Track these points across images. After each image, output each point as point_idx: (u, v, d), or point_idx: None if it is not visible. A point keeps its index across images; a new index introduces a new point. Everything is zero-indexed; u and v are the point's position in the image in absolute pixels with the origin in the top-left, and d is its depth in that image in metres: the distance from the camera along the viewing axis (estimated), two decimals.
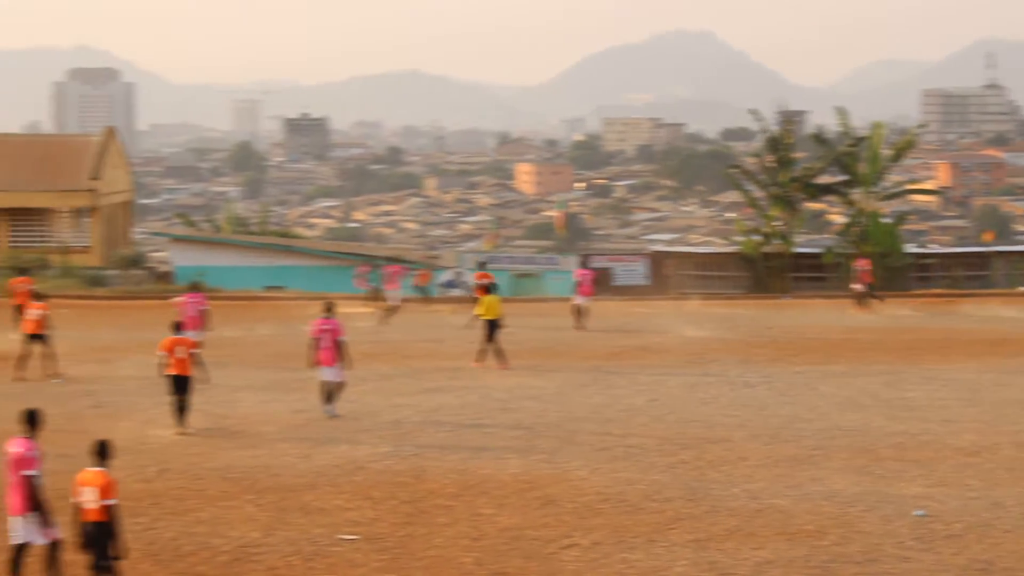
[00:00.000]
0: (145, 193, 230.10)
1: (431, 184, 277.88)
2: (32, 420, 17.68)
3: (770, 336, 45.63)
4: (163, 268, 72.69)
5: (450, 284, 43.09)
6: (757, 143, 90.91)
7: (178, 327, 30.36)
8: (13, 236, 73.59)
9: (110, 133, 78.96)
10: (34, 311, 36.89)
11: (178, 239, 76.32)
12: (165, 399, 31.61)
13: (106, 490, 16.67)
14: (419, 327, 47.83)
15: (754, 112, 76.39)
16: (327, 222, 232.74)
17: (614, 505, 22.26)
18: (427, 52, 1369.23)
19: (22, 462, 17.36)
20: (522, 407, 31.55)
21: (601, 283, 61.21)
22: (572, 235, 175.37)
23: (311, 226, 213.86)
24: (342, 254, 74.26)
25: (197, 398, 30.11)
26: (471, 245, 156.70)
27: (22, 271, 47.46)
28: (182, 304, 39.33)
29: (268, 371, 37.23)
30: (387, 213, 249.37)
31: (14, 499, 17.44)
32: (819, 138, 79.92)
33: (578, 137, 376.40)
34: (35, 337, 36.66)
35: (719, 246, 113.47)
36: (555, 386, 34.67)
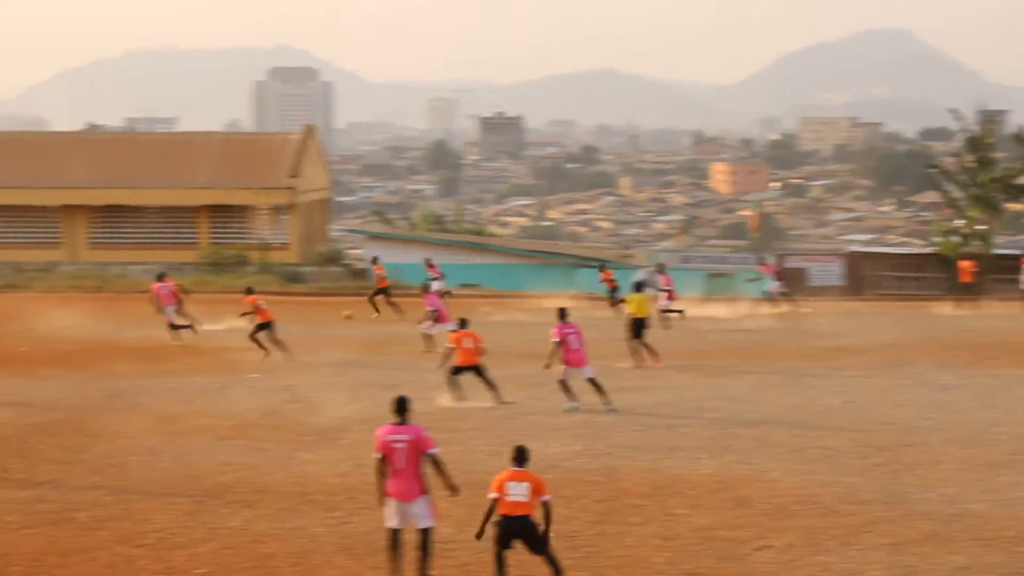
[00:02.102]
0: (342, 191, 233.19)
1: (625, 183, 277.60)
2: (403, 407, 18.39)
3: (967, 338, 44.86)
4: (359, 265, 73.60)
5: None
6: (957, 143, 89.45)
7: (463, 322, 33.12)
8: (214, 232, 75.07)
9: (309, 131, 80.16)
10: (261, 301, 40.18)
11: (374, 236, 77.18)
12: (359, 394, 32.11)
13: (540, 487, 17.61)
14: (610, 326, 47.80)
15: (954, 111, 75.16)
16: (521, 220, 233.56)
17: (808, 507, 22.08)
18: (622, 51, 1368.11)
19: (421, 444, 18.01)
20: (716, 407, 31.43)
21: (795, 283, 60.94)
22: (766, 235, 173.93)
23: (505, 224, 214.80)
24: (536, 252, 74.55)
25: (390, 395, 30.52)
26: (665, 244, 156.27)
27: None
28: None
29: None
30: (581, 212, 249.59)
31: (407, 484, 17.96)
32: (1020, 138, 78.37)
33: (774, 136, 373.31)
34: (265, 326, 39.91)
35: (916, 247, 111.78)
36: (749, 387, 34.48)
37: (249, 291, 41.93)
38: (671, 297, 49.43)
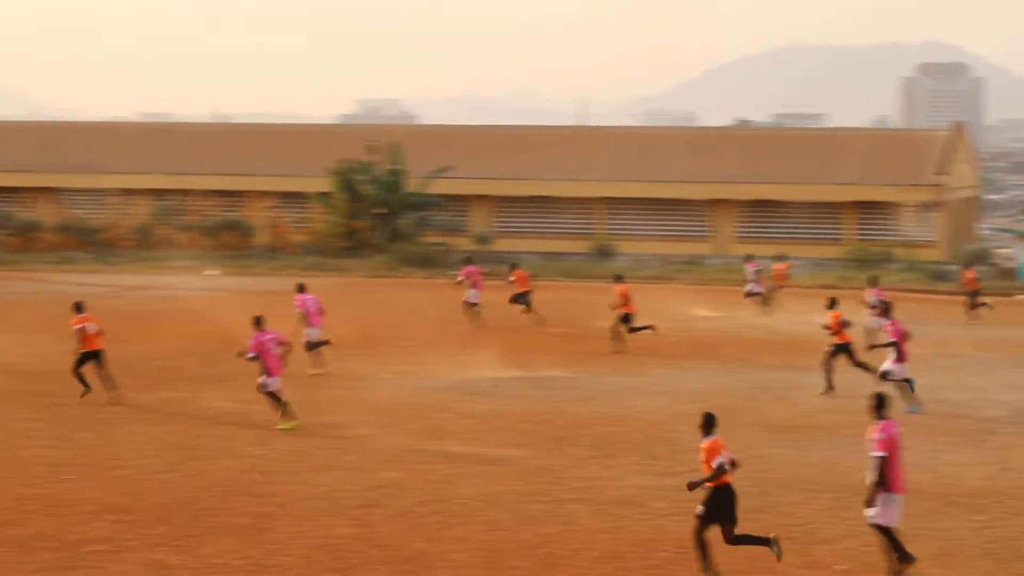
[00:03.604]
0: (992, 189, 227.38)
1: None
2: (885, 403, 18.41)
3: None
4: (1007, 264, 71.59)
5: None
6: None
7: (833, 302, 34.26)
8: (859, 229, 74.75)
9: (958, 128, 78.64)
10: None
11: (1023, 236, 74.92)
12: (1005, 396, 31.20)
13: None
14: None
15: None
16: None
17: None
18: None
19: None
20: None
21: None
22: None
23: None
24: None
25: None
26: None
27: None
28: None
29: None
30: None
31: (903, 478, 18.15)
32: None
33: None
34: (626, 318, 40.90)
35: None
36: None
37: (619, 279, 42.61)
38: None
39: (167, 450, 25.72)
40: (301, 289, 37.04)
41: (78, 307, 31.69)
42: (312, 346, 36.04)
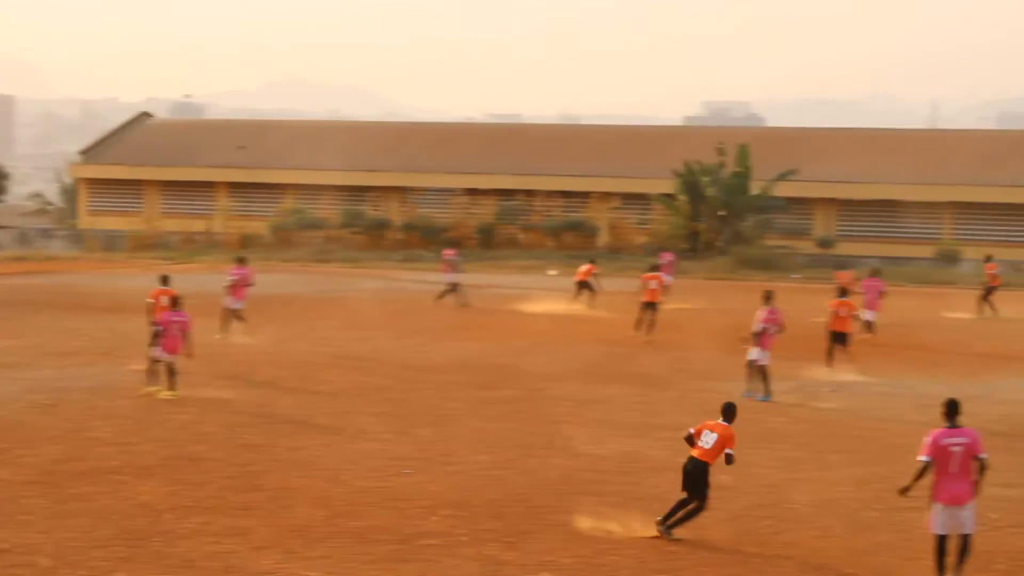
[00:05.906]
0: None
1: None
2: (955, 410, 17.78)
3: None
4: None
5: None
6: None
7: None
8: None
9: None
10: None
11: None
12: None
13: (728, 441, 19.53)
14: None
15: None
16: None
17: None
18: None
19: (975, 448, 17.54)
20: None
21: None
22: None
23: None
24: None
25: None
26: None
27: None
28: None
29: None
30: None
31: (960, 489, 17.46)
32: None
33: None
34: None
35: None
36: None
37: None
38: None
39: (503, 447, 26.07)
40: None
41: (164, 280, 35.57)
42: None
